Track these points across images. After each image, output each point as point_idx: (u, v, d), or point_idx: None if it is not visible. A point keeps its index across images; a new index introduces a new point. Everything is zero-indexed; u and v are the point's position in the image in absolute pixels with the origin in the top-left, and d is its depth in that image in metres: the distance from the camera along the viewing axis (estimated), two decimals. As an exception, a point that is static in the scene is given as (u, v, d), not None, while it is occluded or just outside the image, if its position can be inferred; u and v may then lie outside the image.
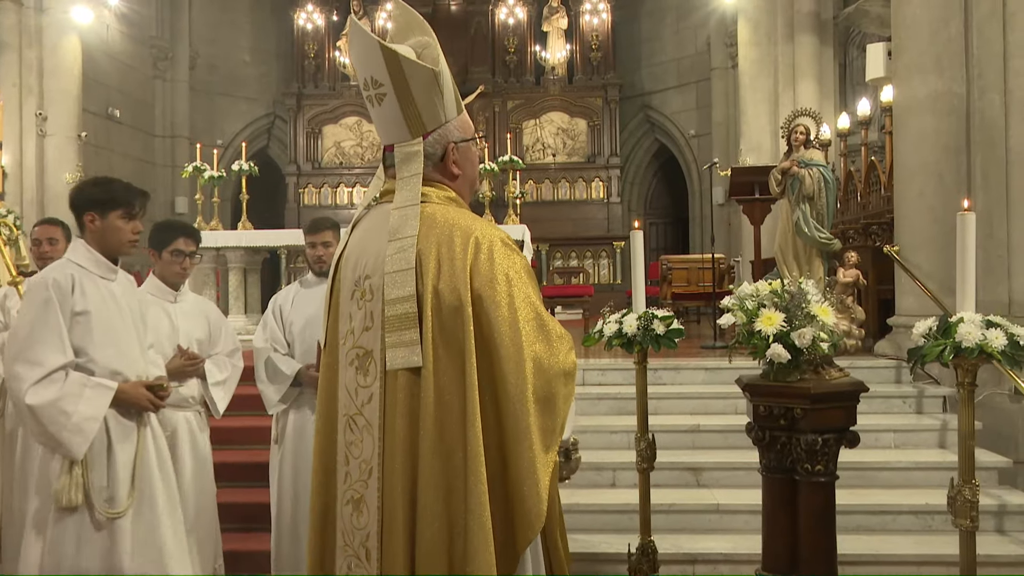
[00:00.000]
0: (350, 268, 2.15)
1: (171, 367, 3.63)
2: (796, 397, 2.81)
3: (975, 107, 6.02)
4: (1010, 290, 5.80)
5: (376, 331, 2.04)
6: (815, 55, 11.32)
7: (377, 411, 2.03)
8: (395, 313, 1.99)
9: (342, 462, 2.11)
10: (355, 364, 2.08)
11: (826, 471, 2.82)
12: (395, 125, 2.12)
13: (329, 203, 17.34)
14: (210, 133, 16.53)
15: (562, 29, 17.40)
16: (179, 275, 3.78)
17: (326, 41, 17.59)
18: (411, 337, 1.97)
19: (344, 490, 2.09)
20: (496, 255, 2.00)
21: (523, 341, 1.95)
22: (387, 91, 2.08)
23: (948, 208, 5.78)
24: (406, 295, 1.98)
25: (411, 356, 1.97)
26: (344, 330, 2.13)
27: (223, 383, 3.82)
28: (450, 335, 1.96)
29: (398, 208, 2.06)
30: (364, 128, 17.51)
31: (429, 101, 2.10)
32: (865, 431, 3.14)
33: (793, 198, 6.94)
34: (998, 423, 5.56)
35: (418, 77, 2.07)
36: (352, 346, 2.10)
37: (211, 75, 17.13)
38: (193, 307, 3.88)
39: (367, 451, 2.04)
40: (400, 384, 1.99)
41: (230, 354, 3.93)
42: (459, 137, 2.17)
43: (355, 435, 2.07)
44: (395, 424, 1.99)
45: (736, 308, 2.88)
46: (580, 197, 17.05)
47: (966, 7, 6.07)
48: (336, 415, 2.13)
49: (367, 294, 2.08)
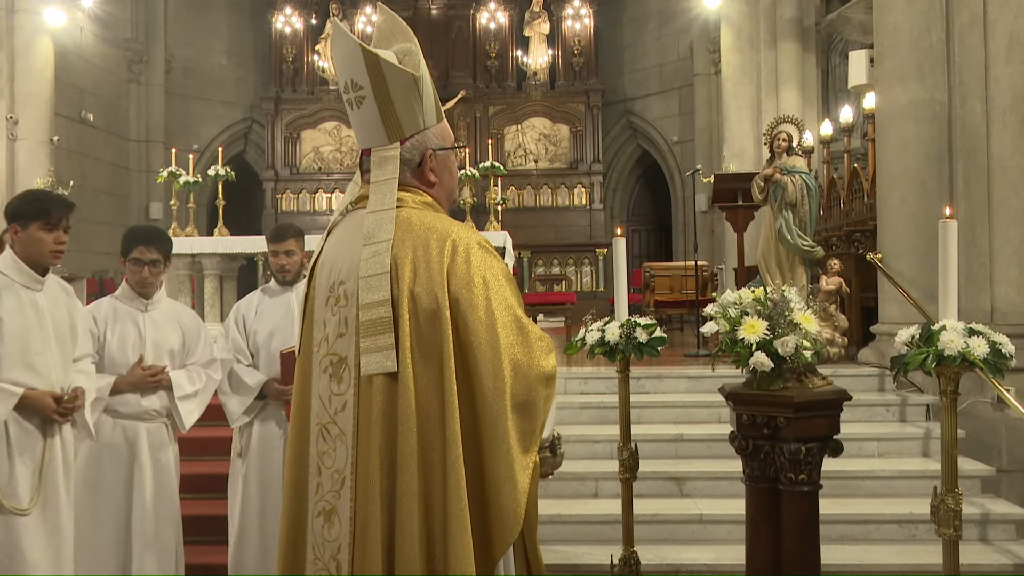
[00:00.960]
0: (324, 274, 2.15)
1: (130, 379, 3.60)
2: (779, 406, 2.82)
3: (957, 115, 6.09)
4: (992, 298, 5.86)
5: (350, 337, 2.03)
6: (798, 62, 11.42)
7: (351, 419, 2.01)
8: (369, 318, 1.98)
9: (314, 473, 2.08)
10: (329, 371, 2.07)
11: (809, 480, 2.83)
12: (373, 129, 2.13)
13: (307, 209, 17.28)
14: (186, 137, 16.43)
15: (544, 34, 17.46)
16: (142, 283, 3.72)
17: (304, 44, 17.55)
18: (386, 342, 1.96)
19: (316, 502, 2.07)
20: (473, 258, 2.00)
21: (501, 344, 1.95)
22: (366, 94, 2.09)
23: (931, 215, 5.84)
24: (381, 299, 1.98)
25: (386, 361, 1.96)
26: (318, 337, 2.12)
27: (193, 396, 3.75)
28: (427, 340, 1.96)
29: (373, 212, 2.06)
30: (343, 133, 17.47)
31: (408, 106, 2.10)
32: (848, 440, 3.16)
33: (776, 205, 6.99)
34: (981, 431, 5.62)
35: (397, 81, 2.07)
36: (326, 353, 2.09)
37: (187, 78, 17.03)
38: (166, 315, 3.80)
39: (340, 461, 2.02)
40: (375, 390, 1.98)
41: (206, 364, 3.87)
42: (437, 145, 2.17)
43: (328, 444, 2.05)
44: (370, 432, 1.97)
45: (719, 316, 2.89)
46: (562, 204, 17.09)
47: (947, 15, 6.15)
48: (309, 424, 2.11)
49: (342, 300, 2.07)
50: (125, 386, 3.61)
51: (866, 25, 9.10)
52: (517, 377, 1.96)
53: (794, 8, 11.45)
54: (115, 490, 3.61)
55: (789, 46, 11.41)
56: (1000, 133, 5.87)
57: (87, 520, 3.55)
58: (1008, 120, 5.84)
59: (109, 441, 3.61)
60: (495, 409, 1.93)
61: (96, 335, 3.61)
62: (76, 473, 3.52)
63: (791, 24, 11.42)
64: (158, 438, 3.70)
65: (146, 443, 3.65)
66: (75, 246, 12.79)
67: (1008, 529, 4.92)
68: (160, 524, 3.66)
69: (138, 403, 3.63)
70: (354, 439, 2.00)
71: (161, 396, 3.69)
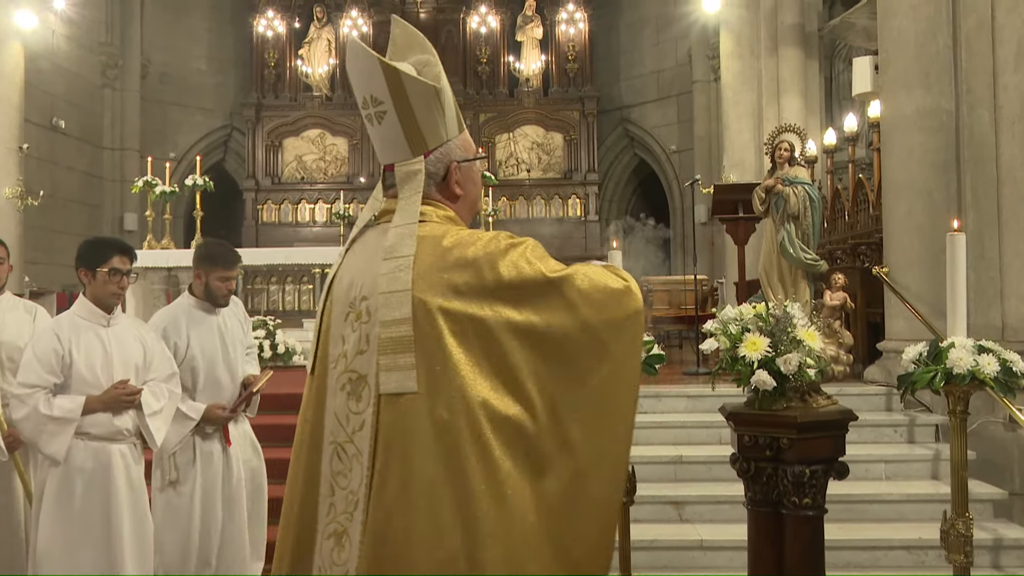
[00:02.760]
0: (344, 289, 2.16)
1: (106, 398, 3.59)
2: (782, 426, 2.82)
3: (964, 123, 6.14)
4: (1003, 313, 5.89)
5: (371, 355, 2.04)
6: (800, 69, 11.50)
7: (368, 439, 2.02)
8: (390, 335, 2.00)
9: (326, 493, 2.09)
10: (347, 389, 2.08)
11: (814, 504, 2.83)
12: (396, 144, 2.17)
13: (289, 220, 17.28)
14: (162, 146, 16.41)
15: (537, 39, 17.55)
16: (116, 296, 3.72)
17: (287, 49, 17.60)
18: (406, 361, 1.98)
19: (327, 523, 2.07)
20: (502, 262, 2.01)
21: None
22: (387, 109, 2.13)
23: (938, 227, 5.87)
24: (402, 317, 1.99)
25: (406, 381, 1.97)
26: (335, 353, 2.13)
27: (160, 413, 3.76)
28: (477, 359, 1.97)
29: (396, 227, 2.09)
30: (327, 141, 17.50)
31: (431, 119, 2.14)
32: (855, 462, 3.17)
33: (777, 217, 7.01)
34: (992, 453, 5.63)
35: (419, 94, 2.11)
36: (344, 370, 2.10)
37: (164, 84, 17.04)
38: (127, 331, 3.81)
39: (355, 481, 2.03)
40: (396, 410, 1.99)
41: (166, 379, 3.88)
42: (461, 156, 2.21)
43: (343, 464, 2.06)
44: (390, 453, 1.98)
45: (719, 332, 2.90)
46: (556, 214, 17.14)
47: (954, 20, 6.21)
48: (322, 443, 2.12)
49: (363, 316, 2.09)
50: (98, 405, 3.60)
51: (870, 31, 9.18)
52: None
53: (796, 13, 11.53)
54: (91, 516, 3.59)
55: (791, 52, 11.49)
56: (1009, 143, 5.91)
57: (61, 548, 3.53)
58: (1017, 129, 5.88)
59: (80, 466, 3.59)
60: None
61: (61, 354, 3.59)
62: (46, 502, 3.50)
63: (793, 30, 11.51)
64: (130, 459, 3.70)
65: (120, 465, 3.64)
66: (44, 258, 12.76)
67: (1021, 555, 4.92)
68: (139, 545, 3.68)
69: (110, 423, 3.62)
70: (370, 460, 2.01)
71: (132, 415, 3.69)
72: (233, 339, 4.31)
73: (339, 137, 17.56)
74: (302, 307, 14.56)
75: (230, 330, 4.31)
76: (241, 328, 4.45)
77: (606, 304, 2.01)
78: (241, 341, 4.41)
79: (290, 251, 14.18)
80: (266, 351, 8.89)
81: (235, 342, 4.33)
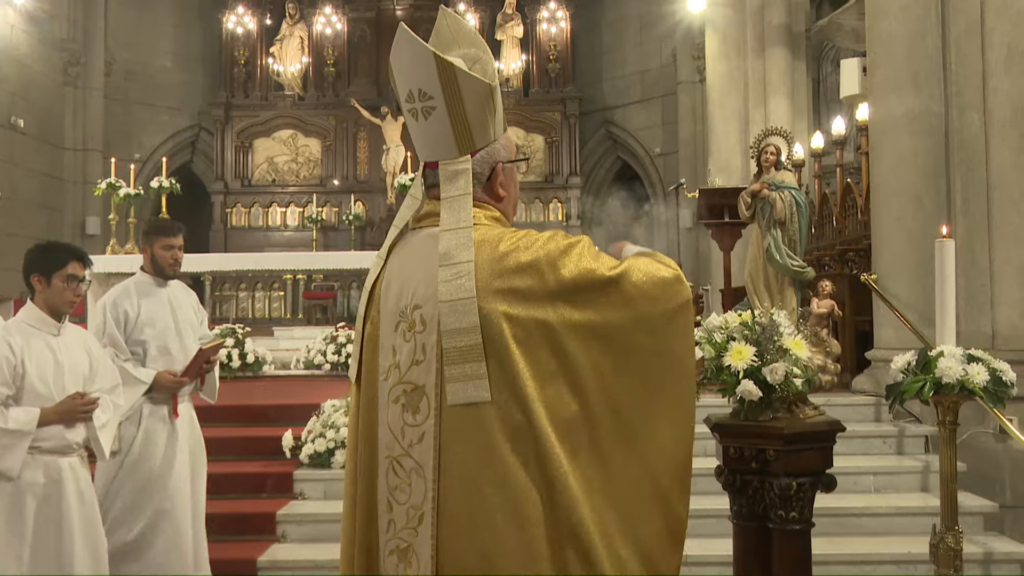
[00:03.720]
0: (392, 297, 2.15)
1: (61, 409, 3.56)
2: (768, 437, 2.84)
3: (954, 127, 6.21)
4: (993, 321, 5.95)
5: (429, 364, 2.05)
6: (787, 70, 11.60)
7: (431, 451, 2.02)
8: (456, 345, 2.01)
9: (384, 510, 2.09)
10: (401, 401, 2.08)
11: (801, 518, 2.85)
12: (441, 141, 2.15)
13: (260, 224, 17.19)
14: (127, 146, 16.30)
15: (517, 38, 17.60)
16: (71, 304, 3.70)
17: (258, 46, 17.53)
18: (476, 371, 1.99)
19: (387, 540, 2.07)
20: (562, 263, 2.04)
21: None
22: (437, 104, 2.11)
23: (928, 233, 5.93)
24: (468, 326, 2.00)
25: (478, 391, 1.98)
26: (385, 365, 2.13)
27: (107, 425, 3.77)
28: (541, 362, 2.00)
29: (448, 231, 2.08)
30: (299, 143, 17.44)
31: (482, 117, 2.14)
32: (843, 474, 3.19)
33: (763, 223, 7.06)
34: (983, 464, 5.68)
35: (473, 92, 2.11)
36: (397, 381, 2.09)
37: (129, 82, 16.92)
38: (75, 340, 3.80)
39: (416, 495, 2.03)
40: (464, 420, 2.01)
41: (110, 391, 3.87)
42: (505, 157, 2.22)
43: (400, 479, 2.07)
44: (459, 464, 2.00)
45: (704, 341, 2.91)
46: (537, 219, 17.16)
47: (943, 22, 6.29)
48: (377, 457, 2.13)
49: (417, 325, 2.08)
50: (53, 417, 3.57)
51: (859, 32, 9.28)
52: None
53: (783, 13, 11.63)
54: (43, 533, 3.56)
55: (778, 53, 11.58)
56: (1000, 147, 5.99)
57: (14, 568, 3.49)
58: (1008, 133, 5.97)
59: (31, 481, 3.55)
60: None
61: (14, 364, 3.55)
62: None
63: (780, 30, 11.61)
64: (79, 472, 3.69)
65: (71, 479, 3.63)
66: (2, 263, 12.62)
67: (1012, 569, 4.97)
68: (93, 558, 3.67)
69: (62, 436, 3.59)
70: (435, 472, 2.02)
71: (82, 428, 3.67)
72: (184, 317, 4.50)
73: (312, 138, 17.51)
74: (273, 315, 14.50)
75: (181, 307, 4.52)
76: (195, 314, 4.63)
77: (659, 296, 2.06)
78: (193, 324, 4.57)
79: (260, 256, 14.14)
80: (234, 360, 8.84)
81: (186, 321, 4.51)
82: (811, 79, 12.16)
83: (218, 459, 6.12)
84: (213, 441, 6.30)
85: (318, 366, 9.13)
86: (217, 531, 5.29)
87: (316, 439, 5.92)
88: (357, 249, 15.87)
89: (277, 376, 9.24)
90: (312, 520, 5.47)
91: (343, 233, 16.90)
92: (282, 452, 6.07)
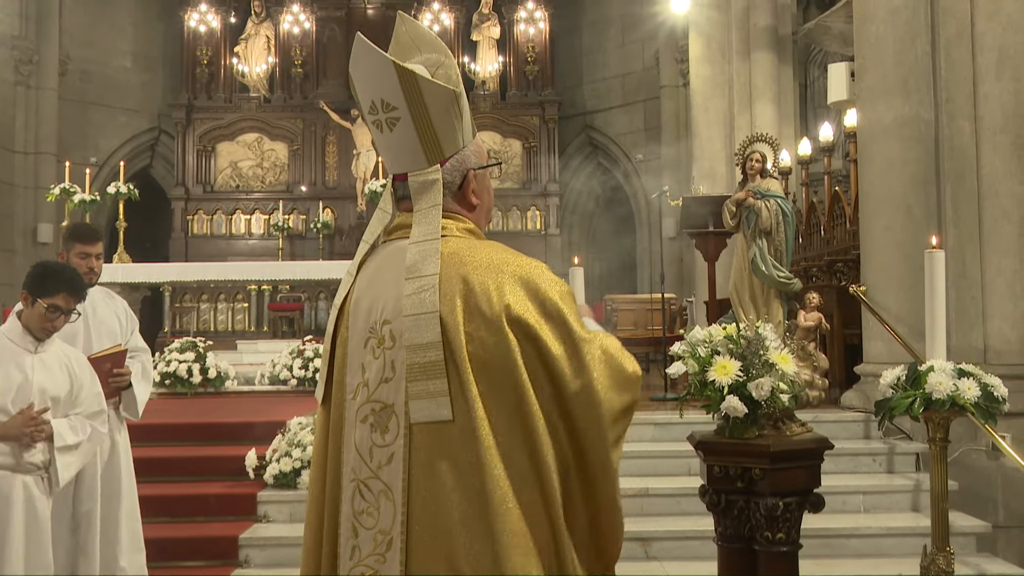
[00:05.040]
0: (362, 313, 2.16)
1: (10, 424, 3.54)
2: (754, 456, 2.86)
3: (944, 134, 6.29)
4: (985, 335, 6.01)
5: (399, 382, 2.06)
6: (773, 74, 11.70)
7: (400, 473, 2.03)
8: (418, 361, 2.02)
9: (348, 535, 2.09)
10: (370, 420, 2.09)
11: (788, 539, 2.87)
12: (409, 152, 2.17)
13: (223, 232, 17.10)
14: (82, 149, 16.17)
15: (494, 39, 17.65)
16: (46, 332, 3.74)
17: (222, 46, 17.47)
18: (438, 388, 2.00)
19: (352, 567, 2.07)
20: (539, 288, 2.08)
21: (592, 375, 2.04)
22: (401, 115, 2.13)
23: (918, 244, 5.99)
24: (430, 341, 2.01)
25: (439, 410, 2.00)
26: (354, 383, 2.13)
27: (74, 448, 3.73)
28: (497, 381, 2.00)
29: (416, 243, 2.10)
30: (265, 147, 17.37)
31: (448, 124, 2.15)
32: (831, 493, 3.22)
33: (749, 233, 7.11)
34: (975, 483, 5.73)
35: (438, 99, 2.12)
36: (366, 400, 2.10)
37: (85, 82, 16.80)
38: (55, 358, 3.79)
39: (385, 520, 2.04)
40: (432, 440, 2.01)
41: (92, 416, 3.84)
42: (477, 163, 2.23)
43: (367, 502, 2.07)
44: (428, 486, 2.00)
45: (687, 355, 2.93)
46: (514, 228, 17.17)
47: (933, 26, 6.37)
48: (341, 481, 2.13)
49: (386, 341, 2.09)
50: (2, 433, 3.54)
51: (847, 35, 9.38)
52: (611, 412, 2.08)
53: (769, 15, 11.75)
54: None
55: (764, 57, 11.69)
56: (991, 155, 6.07)
57: None
58: (999, 141, 6.05)
59: None
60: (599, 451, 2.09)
61: None
62: None
63: (766, 33, 11.72)
64: (35, 491, 3.65)
65: (20, 497, 3.60)
66: (-52, 273, 12.47)
67: (1005, 591, 5.02)
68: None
69: (17, 454, 3.56)
70: (404, 495, 2.02)
71: (45, 449, 3.64)
72: (99, 326, 4.41)
73: (278, 142, 17.45)
74: (236, 327, 14.42)
75: (97, 316, 4.41)
76: (119, 322, 4.52)
77: (614, 384, 2.08)
78: (114, 333, 4.47)
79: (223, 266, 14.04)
80: (195, 375, 8.77)
81: (101, 330, 4.41)
82: (798, 84, 12.28)
83: (177, 480, 6.11)
84: (172, 461, 6.32)
85: (284, 381, 9.08)
86: (176, 557, 5.24)
87: (281, 458, 5.88)
88: (325, 258, 15.82)
89: (240, 392, 9.18)
90: (276, 544, 5.43)
91: (311, 242, 16.84)
92: (245, 472, 6.02)
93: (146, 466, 4.74)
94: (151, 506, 4.69)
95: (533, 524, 2.01)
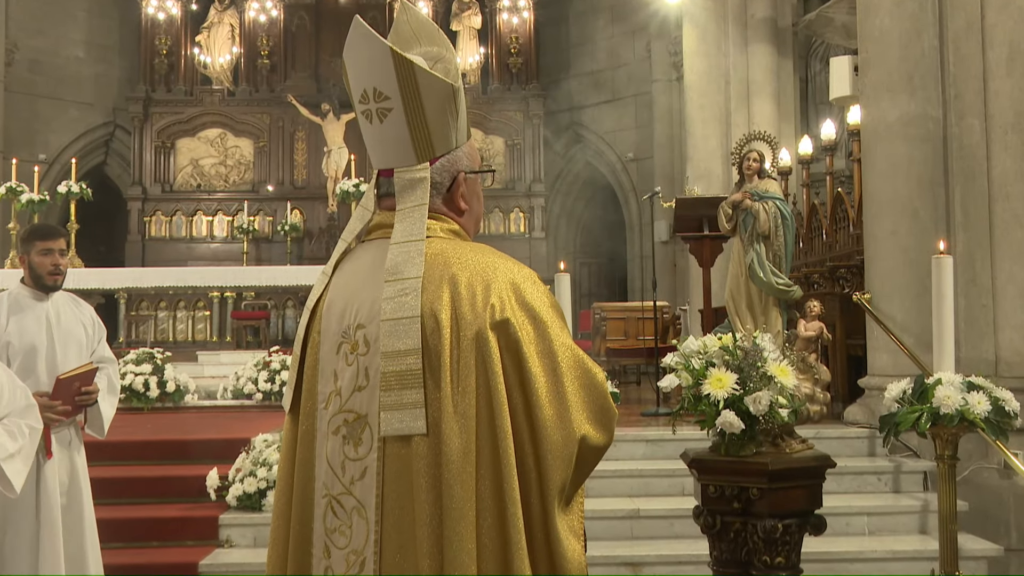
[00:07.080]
0: (335, 316, 2.15)
1: None
2: (751, 475, 2.87)
3: (952, 133, 6.33)
4: (996, 345, 6.05)
5: (372, 391, 2.05)
6: (772, 68, 11.77)
7: (373, 489, 2.02)
8: (394, 369, 2.01)
9: (320, 555, 2.08)
10: (342, 432, 2.08)
11: (788, 564, 2.88)
12: (398, 147, 2.16)
13: (183, 235, 17.03)
14: (30, 146, 16.07)
15: (475, 29, 17.67)
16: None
17: (182, 35, 17.42)
18: (413, 398, 1.99)
19: None
20: (526, 295, 2.08)
21: (567, 392, 2.04)
22: (394, 106, 2.12)
23: (925, 249, 6.01)
24: (408, 348, 2.01)
25: (413, 422, 1.99)
26: (325, 391, 2.12)
27: (17, 455, 3.70)
28: (470, 393, 2.00)
29: (398, 244, 2.09)
30: (229, 143, 17.32)
31: (443, 121, 2.15)
32: (833, 515, 3.22)
33: (746, 237, 7.13)
34: (986, 503, 5.76)
35: (434, 93, 2.12)
36: (338, 410, 2.09)
37: (33, 73, 16.70)
38: None
39: (357, 539, 2.03)
40: (406, 454, 2.00)
41: (22, 413, 3.82)
42: (468, 166, 2.23)
43: (340, 520, 2.06)
44: (403, 503, 2.00)
45: (681, 367, 2.94)
46: (496, 231, 17.18)
47: (941, 18, 6.41)
48: (313, 497, 2.12)
49: (360, 347, 2.08)
50: None
51: (850, 27, 9.45)
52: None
53: (768, 6, 11.82)
54: None
55: (762, 49, 11.75)
56: (1001, 155, 6.11)
57: None
58: (1010, 140, 6.09)
59: None
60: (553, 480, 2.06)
61: None
62: None
63: (764, 24, 11.79)
64: None
65: None
66: None
67: (1018, 619, 5.05)
68: None
69: None
70: (377, 512, 2.02)
71: None
72: (65, 335, 4.33)
73: (243, 138, 17.41)
74: (197, 337, 14.33)
75: (62, 325, 4.34)
76: (84, 330, 4.46)
77: (593, 419, 2.09)
78: (80, 342, 4.41)
79: (184, 271, 13.99)
80: (152, 389, 8.72)
81: (67, 339, 4.34)
82: (798, 78, 12.35)
83: (133, 502, 6.07)
84: (127, 482, 6.28)
85: (248, 395, 9.05)
86: (132, 584, 5.21)
87: (245, 479, 5.85)
88: (294, 263, 15.79)
89: (201, 407, 9.13)
90: (239, 570, 5.40)
91: (278, 245, 16.79)
92: (206, 494, 5.99)
93: (100, 487, 4.70)
94: (105, 530, 4.65)
95: (502, 545, 1.99)
